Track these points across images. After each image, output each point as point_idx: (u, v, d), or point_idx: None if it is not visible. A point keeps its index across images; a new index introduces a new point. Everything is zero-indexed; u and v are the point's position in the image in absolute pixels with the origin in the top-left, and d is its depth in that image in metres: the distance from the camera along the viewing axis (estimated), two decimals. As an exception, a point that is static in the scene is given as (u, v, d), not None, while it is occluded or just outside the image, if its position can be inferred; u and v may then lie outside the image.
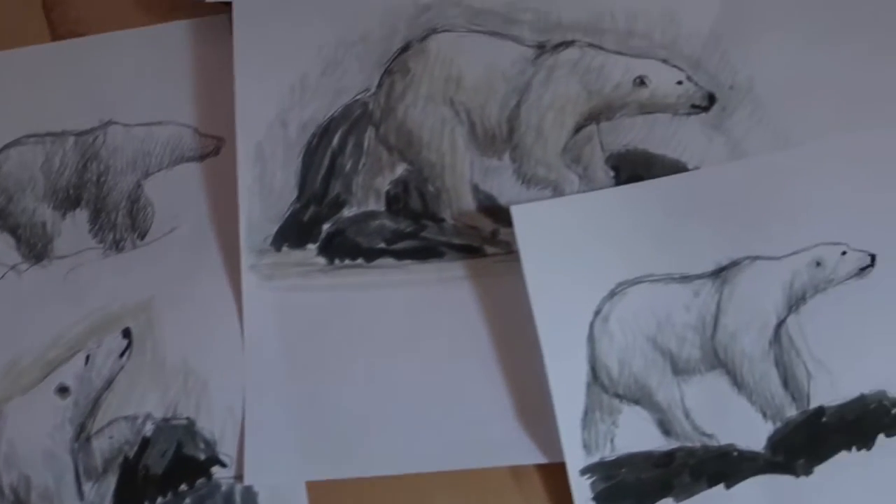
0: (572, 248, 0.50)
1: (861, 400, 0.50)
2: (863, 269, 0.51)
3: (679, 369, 0.51)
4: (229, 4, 0.52)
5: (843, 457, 0.50)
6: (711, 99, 0.52)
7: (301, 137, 0.52)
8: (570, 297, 0.50)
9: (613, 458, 0.50)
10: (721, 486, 0.50)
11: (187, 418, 0.50)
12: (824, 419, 0.51)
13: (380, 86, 0.52)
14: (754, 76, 0.52)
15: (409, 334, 0.51)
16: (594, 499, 0.50)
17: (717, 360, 0.51)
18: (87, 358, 0.50)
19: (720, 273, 0.51)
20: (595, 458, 0.50)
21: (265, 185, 0.51)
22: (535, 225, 0.50)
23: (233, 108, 0.52)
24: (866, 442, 0.50)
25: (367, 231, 0.52)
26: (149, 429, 0.50)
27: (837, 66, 0.52)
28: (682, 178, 0.52)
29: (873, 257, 0.51)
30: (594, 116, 0.52)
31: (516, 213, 0.50)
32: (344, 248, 0.52)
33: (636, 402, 0.50)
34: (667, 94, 0.52)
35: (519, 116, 0.52)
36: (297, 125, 0.52)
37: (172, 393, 0.50)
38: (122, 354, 0.50)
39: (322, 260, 0.51)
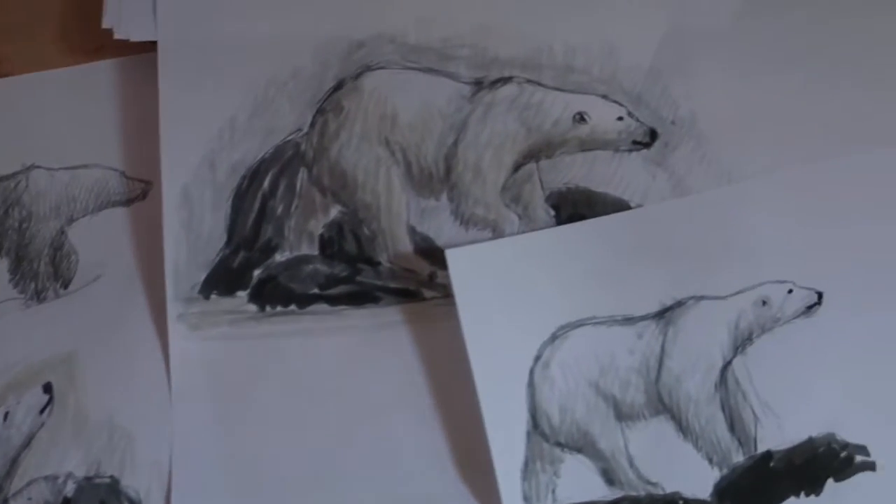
0: (510, 292, 0.49)
1: (809, 443, 0.50)
2: (810, 308, 0.50)
3: (623, 415, 0.50)
4: (155, 43, 0.51)
5: (791, 503, 0.49)
6: (653, 135, 0.51)
7: (230, 180, 0.51)
8: (508, 342, 0.49)
9: None
10: None
11: (111, 476, 0.48)
12: (772, 464, 0.50)
13: (312, 125, 0.51)
14: (696, 111, 0.52)
15: (343, 383, 0.50)
16: (535, 552, 0.48)
17: (662, 404, 0.50)
18: (6, 415, 0.48)
19: (664, 314, 0.50)
20: None
21: (192, 231, 0.50)
22: (470, 268, 0.49)
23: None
24: (815, 487, 0.50)
25: (300, 276, 0.50)
26: (70, 489, 0.48)
27: (778, 99, 0.52)
28: (625, 216, 0.51)
29: (820, 295, 0.50)
30: (533, 154, 0.52)
31: (451, 256, 0.49)
32: (276, 294, 0.50)
33: (578, 450, 0.49)
34: (607, 130, 0.51)
35: (456, 155, 0.51)
36: (226, 167, 0.51)
37: (96, 450, 0.49)
38: (42, 410, 0.48)
39: (253, 307, 0.50)
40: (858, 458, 0.50)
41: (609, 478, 0.49)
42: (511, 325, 0.49)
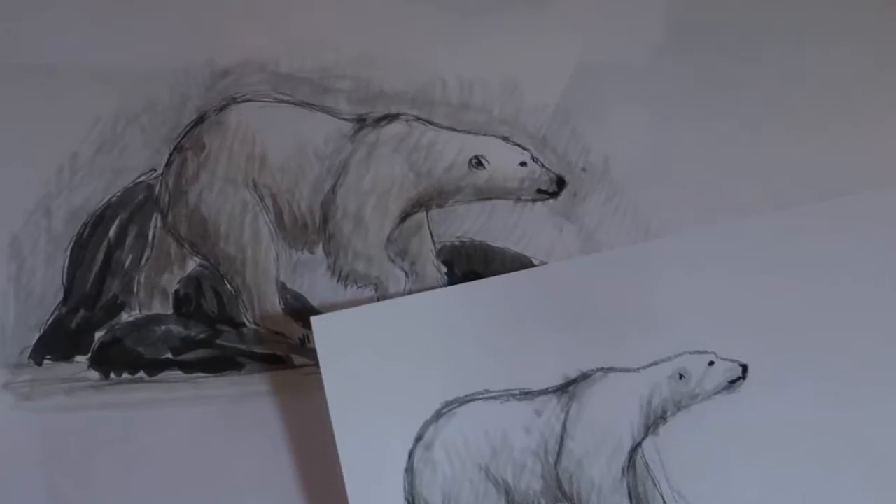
0: (389, 364, 0.45)
1: None
2: (732, 382, 0.46)
3: (516, 503, 0.44)
4: (-17, 67, 0.45)
5: None
6: (560, 183, 0.47)
7: (69, 228, 0.46)
8: (384, 422, 0.45)
9: None
10: None
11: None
12: None
13: (168, 165, 0.47)
14: (609, 156, 0.48)
15: (198, 462, 0.46)
16: None
17: (561, 492, 0.45)
18: None
19: (567, 388, 0.46)
20: None
21: (22, 287, 0.45)
22: (341, 338, 0.44)
23: (-11, 192, 0.45)
24: None
25: (151, 339, 0.46)
26: None
27: (702, 145, 0.49)
28: (526, 274, 0.47)
29: (745, 368, 0.46)
30: (423, 202, 0.47)
31: (317, 324, 0.44)
32: (121, 359, 0.46)
33: None
34: (508, 176, 0.47)
35: (335, 202, 0.46)
36: (64, 213, 0.46)
37: None
38: None
39: (94, 374, 0.46)
40: None
41: (497, 577, 0.44)
42: (389, 401, 0.45)
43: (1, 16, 0.47)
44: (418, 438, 0.45)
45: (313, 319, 0.44)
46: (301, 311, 0.46)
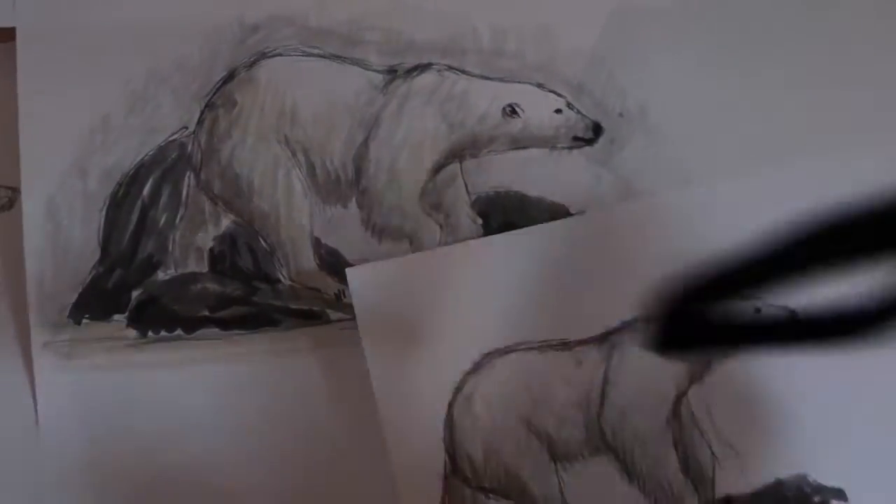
0: (426, 316, 0.45)
1: (776, 487, 0.45)
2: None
3: (558, 455, 0.45)
4: (14, 30, 0.45)
5: None
6: (597, 129, 0.47)
7: (104, 188, 0.47)
8: (422, 374, 0.45)
9: None
10: None
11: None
12: None
13: (200, 123, 0.47)
14: (647, 102, 0.47)
15: (235, 419, 0.46)
16: None
17: (604, 442, 0.45)
18: None
19: (608, 338, 0.45)
20: None
21: (59, 247, 0.46)
22: (377, 290, 0.45)
23: (25, 154, 0.46)
24: None
25: (187, 297, 0.46)
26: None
27: (744, 90, 0.47)
28: (563, 224, 0.46)
29: (794, 312, 0.44)
30: (457, 154, 0.47)
31: (353, 276, 0.44)
32: (158, 317, 0.46)
33: (506, 495, 0.45)
34: (543, 125, 0.47)
35: (367, 156, 0.46)
36: (98, 174, 0.47)
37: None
38: None
39: (132, 333, 0.46)
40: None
41: (541, 528, 0.44)
42: (426, 353, 0.45)
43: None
44: (457, 390, 0.45)
45: (348, 271, 0.44)
46: (336, 266, 0.46)
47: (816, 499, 0.46)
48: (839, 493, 0.46)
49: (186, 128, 0.47)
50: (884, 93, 0.48)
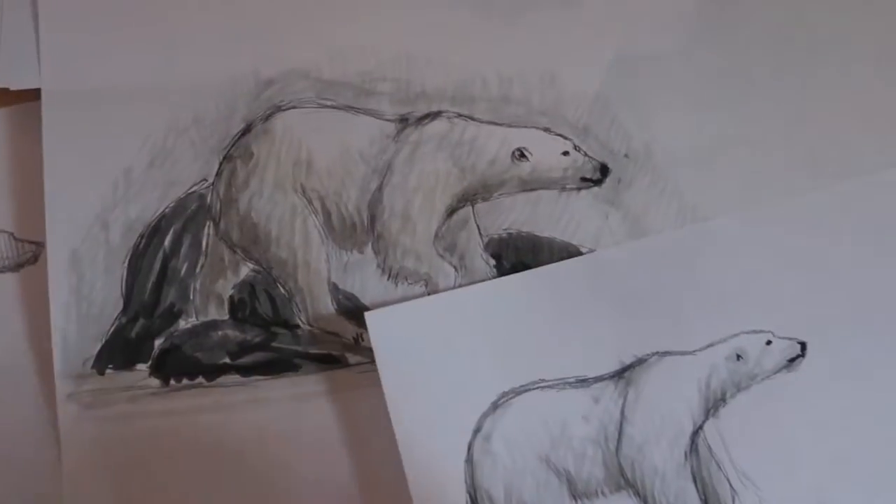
0: (443, 357, 0.46)
1: None
2: (792, 361, 0.45)
3: (578, 492, 0.45)
4: (39, 90, 0.47)
5: None
6: (604, 170, 0.48)
7: (126, 240, 0.48)
8: (442, 414, 0.45)
9: None
10: None
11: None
12: None
13: (218, 175, 0.48)
14: (651, 142, 0.49)
15: (259, 463, 0.47)
16: None
17: (624, 478, 0.45)
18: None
19: (624, 373, 0.46)
20: None
21: (83, 298, 0.47)
22: (395, 332, 0.45)
23: (49, 209, 0.47)
24: None
25: (208, 345, 0.47)
26: None
27: (743, 128, 0.49)
28: (575, 262, 0.48)
29: (804, 345, 0.46)
30: (469, 197, 0.48)
31: (371, 320, 0.45)
32: (181, 365, 0.47)
33: None
34: (552, 167, 0.48)
35: (381, 202, 0.47)
36: (121, 226, 0.48)
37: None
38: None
39: (155, 381, 0.47)
40: None
41: (563, 566, 0.44)
42: (445, 394, 0.46)
43: (53, 47, 0.50)
44: (476, 431, 0.46)
45: (367, 315, 0.45)
46: (354, 311, 0.47)
47: (835, 531, 0.46)
48: (860, 524, 0.46)
49: (206, 180, 0.49)
50: (882, 131, 0.50)
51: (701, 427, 0.47)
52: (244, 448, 0.47)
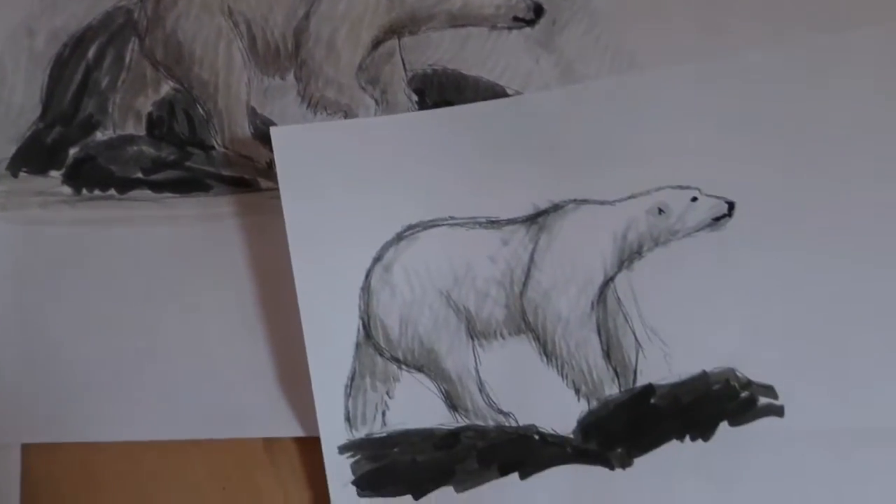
0: (349, 183, 0.45)
1: (702, 379, 0.43)
2: (717, 219, 0.43)
3: (477, 331, 0.44)
4: None
5: (672, 447, 0.44)
6: (538, 10, 0.47)
7: (50, 48, 0.48)
8: (342, 240, 0.45)
9: (384, 434, 0.44)
10: (514, 476, 0.43)
11: None
12: (653, 400, 0.44)
13: None
14: None
15: (162, 279, 0.47)
16: (355, 483, 0.43)
17: (525, 322, 0.44)
18: None
19: (537, 218, 0.45)
20: (360, 434, 0.44)
21: (2, 101, 0.48)
22: (302, 152, 0.45)
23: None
24: (704, 430, 0.43)
25: (123, 158, 0.47)
26: None
27: None
28: (499, 103, 0.46)
29: (731, 205, 0.44)
30: (396, 29, 0.47)
31: (277, 135, 0.44)
32: (94, 176, 0.47)
33: (419, 368, 0.44)
34: (483, 3, 0.47)
35: (307, 29, 0.47)
36: (45, 34, 0.48)
37: None
38: None
39: (67, 189, 0.47)
40: (762, 401, 0.43)
41: (453, 403, 0.44)
42: (348, 221, 0.45)
43: None
44: (377, 259, 0.45)
45: (273, 130, 0.45)
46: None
47: (744, 394, 0.44)
48: (769, 391, 0.44)
49: (134, -6, 0.50)
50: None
51: (612, 278, 0.45)
52: (148, 262, 0.47)
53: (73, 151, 0.48)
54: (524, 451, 0.44)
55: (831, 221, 0.44)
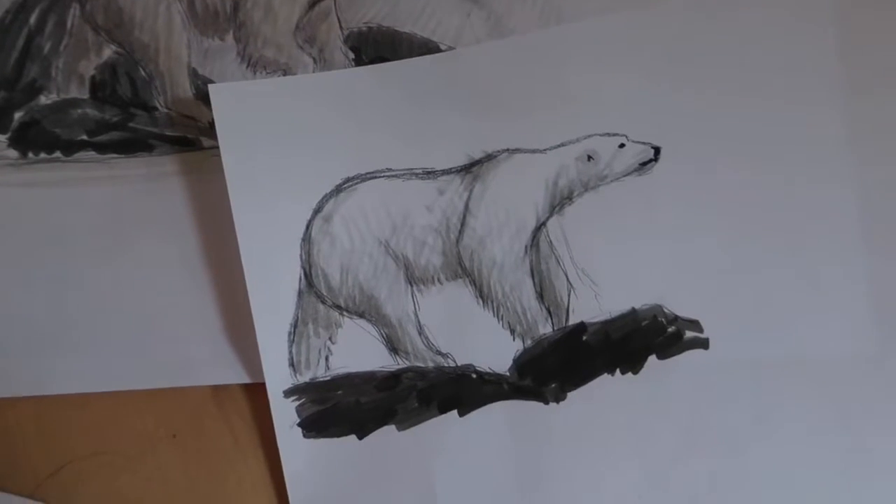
0: (288, 138, 0.47)
1: (631, 316, 0.46)
2: (644, 164, 0.45)
3: (415, 278, 0.46)
4: None
5: (604, 381, 0.46)
6: None
7: None
8: (282, 193, 0.46)
9: (327, 378, 0.46)
10: (454, 413, 0.45)
11: None
12: (585, 337, 0.46)
13: None
14: None
15: (107, 238, 0.48)
16: (301, 424, 0.45)
17: (462, 268, 0.46)
18: None
19: (471, 168, 0.46)
20: (304, 378, 0.46)
21: None
22: (240, 108, 0.46)
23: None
24: (634, 364, 0.45)
25: (67, 121, 0.48)
26: None
27: None
28: (432, 59, 0.48)
29: (657, 150, 0.46)
30: None
31: (215, 92, 0.45)
32: (39, 139, 0.49)
33: (360, 314, 0.46)
34: None
35: None
36: None
37: None
38: None
39: (13, 153, 0.48)
40: (688, 335, 0.46)
41: (393, 346, 0.46)
42: (287, 175, 0.47)
43: None
44: (317, 211, 0.47)
45: (212, 88, 0.46)
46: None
47: (671, 328, 0.47)
48: (694, 325, 0.46)
49: (73, -39, 0.51)
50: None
51: (544, 223, 0.47)
52: (94, 222, 0.48)
53: (17, 115, 0.49)
54: (462, 390, 0.46)
55: (751, 163, 0.46)
